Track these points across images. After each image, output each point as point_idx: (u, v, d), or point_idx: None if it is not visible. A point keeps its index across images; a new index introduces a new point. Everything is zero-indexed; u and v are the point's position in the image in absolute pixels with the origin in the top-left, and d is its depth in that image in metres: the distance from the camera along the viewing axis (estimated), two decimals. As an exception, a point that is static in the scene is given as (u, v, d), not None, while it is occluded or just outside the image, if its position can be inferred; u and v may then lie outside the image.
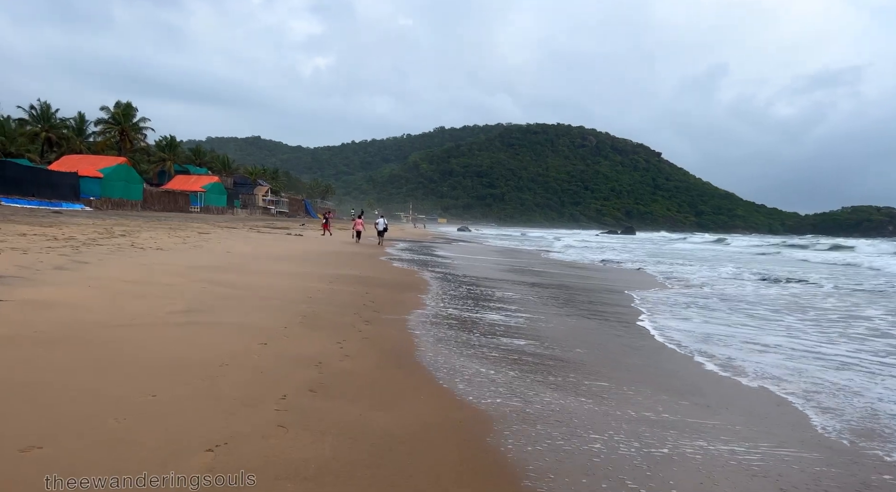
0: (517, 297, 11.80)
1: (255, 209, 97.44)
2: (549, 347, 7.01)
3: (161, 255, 13.21)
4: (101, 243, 13.95)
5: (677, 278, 18.63)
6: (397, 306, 9.20)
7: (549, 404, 4.69)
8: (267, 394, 4.15)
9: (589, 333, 8.27)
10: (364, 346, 6.06)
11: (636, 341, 7.95)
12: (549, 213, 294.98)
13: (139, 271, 9.75)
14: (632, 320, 9.61)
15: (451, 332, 7.45)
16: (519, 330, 7.97)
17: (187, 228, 26.40)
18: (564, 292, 13.28)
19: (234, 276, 10.69)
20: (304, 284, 10.60)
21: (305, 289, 9.87)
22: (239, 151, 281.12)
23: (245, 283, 9.83)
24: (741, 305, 12.20)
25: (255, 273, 11.54)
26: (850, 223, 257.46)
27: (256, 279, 10.53)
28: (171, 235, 19.75)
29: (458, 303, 10.27)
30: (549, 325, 8.64)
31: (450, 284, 13.38)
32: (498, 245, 46.48)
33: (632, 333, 8.53)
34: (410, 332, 7.20)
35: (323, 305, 8.41)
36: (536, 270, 20.29)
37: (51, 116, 72.77)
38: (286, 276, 11.67)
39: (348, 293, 9.99)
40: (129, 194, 61.02)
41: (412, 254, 25.63)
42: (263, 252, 17.57)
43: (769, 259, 35.75)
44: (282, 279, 10.95)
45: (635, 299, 12.51)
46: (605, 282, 17.05)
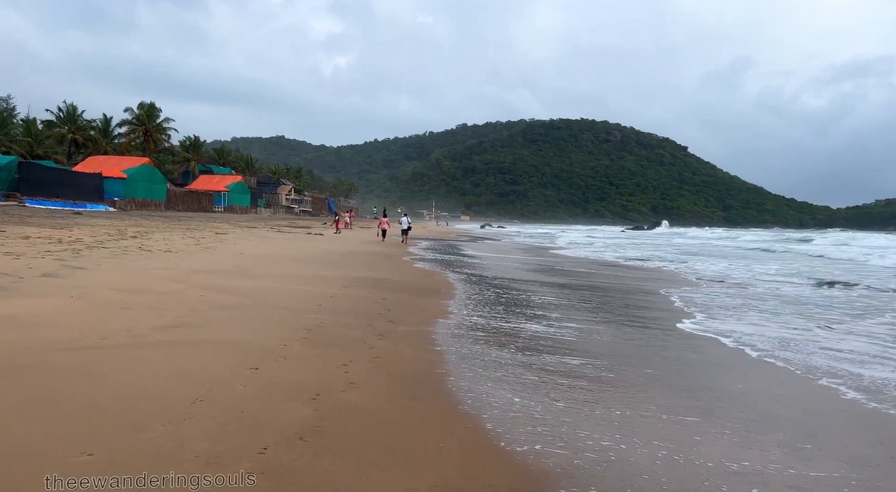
0: (551, 301, 10.75)
1: (279, 208, 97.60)
2: (607, 367, 5.94)
3: (168, 258, 12.46)
4: (107, 246, 13.27)
5: (713, 278, 17.36)
6: (417, 315, 8.24)
7: (626, 459, 3.66)
8: (242, 446, 3.22)
9: (648, 347, 7.19)
10: (374, 369, 5.10)
11: (710, 354, 6.91)
12: (573, 209, 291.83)
13: (136, 278, 8.96)
14: (693, 329, 8.52)
15: (479, 348, 6.44)
16: (563, 344, 6.92)
17: (205, 229, 25.84)
18: (602, 295, 12.18)
19: (242, 281, 9.85)
20: (315, 289, 9.72)
21: (316, 295, 8.98)
22: (263, 150, 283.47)
23: (251, 289, 8.98)
24: (810, 308, 11.01)
25: (265, 277, 10.70)
26: (885, 216, 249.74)
27: (265, 284, 9.68)
28: (185, 237, 19.10)
29: (486, 309, 9.27)
30: (600, 338, 7.54)
31: (476, 287, 12.38)
32: (523, 242, 45.31)
33: (699, 343, 7.46)
34: (431, 348, 6.22)
35: (333, 314, 7.49)
36: (566, 270, 19.18)
37: (77, 118, 73.54)
38: (298, 280, 10.81)
39: (363, 300, 9.07)
40: (152, 194, 61.21)
41: (435, 253, 24.70)
42: (279, 253, 16.79)
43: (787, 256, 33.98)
44: (292, 284, 10.08)
45: (681, 300, 11.38)
46: (641, 281, 15.88)
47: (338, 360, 5.23)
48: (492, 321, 8.21)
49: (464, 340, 6.76)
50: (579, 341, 7.21)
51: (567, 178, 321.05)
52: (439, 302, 9.76)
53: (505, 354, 6.21)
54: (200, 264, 11.66)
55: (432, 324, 7.63)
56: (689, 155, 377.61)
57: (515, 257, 25.51)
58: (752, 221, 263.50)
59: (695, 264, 22.98)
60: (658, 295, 12.82)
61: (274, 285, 9.65)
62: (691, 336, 8.01)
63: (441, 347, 6.34)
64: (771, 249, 40.56)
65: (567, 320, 8.67)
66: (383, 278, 12.45)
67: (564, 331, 7.77)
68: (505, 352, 6.30)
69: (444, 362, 5.62)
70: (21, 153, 61.91)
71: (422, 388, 4.75)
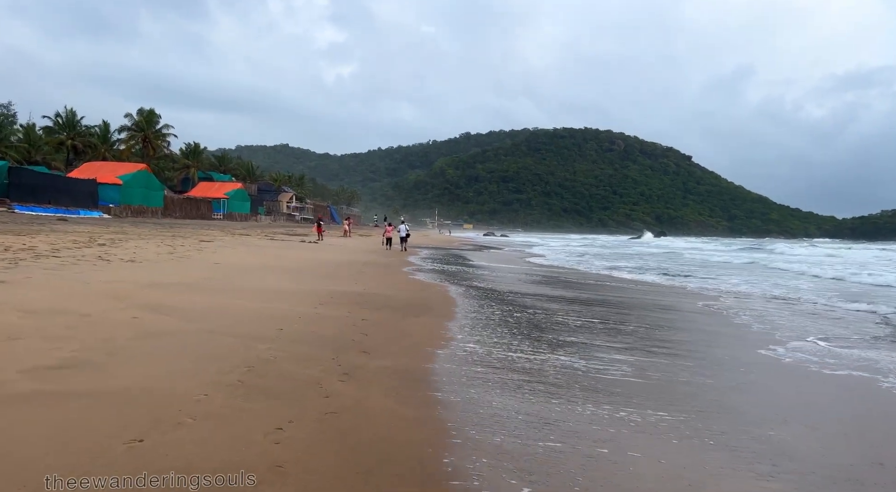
0: (570, 321, 9.18)
1: (280, 216, 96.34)
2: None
3: (125, 269, 10.97)
4: (60, 256, 11.79)
5: (729, 291, 15.77)
6: (401, 342, 6.70)
7: None
8: None
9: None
10: (321, 437, 3.55)
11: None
12: (576, 218, 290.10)
13: (63, 294, 7.45)
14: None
15: (488, 396, 4.76)
16: (621, 390, 5.24)
17: (191, 236, 24.38)
18: (622, 312, 10.61)
19: (198, 297, 8.34)
20: (285, 307, 8.20)
21: (282, 315, 7.46)
22: (267, 158, 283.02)
23: (203, 308, 7.46)
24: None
25: (230, 292, 9.19)
26: (891, 227, 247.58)
27: (224, 302, 8.16)
28: (162, 244, 17.63)
29: (491, 333, 7.70)
30: (664, 376, 5.92)
31: (478, 303, 10.81)
32: (527, 251, 43.69)
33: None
34: (412, 397, 4.65)
35: (292, 342, 5.96)
36: (580, 283, 17.62)
37: (76, 124, 72.54)
38: (269, 295, 9.29)
39: (337, 321, 7.53)
40: (149, 201, 59.93)
41: (435, 263, 23.17)
42: (261, 263, 15.29)
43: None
44: (259, 301, 8.57)
45: (736, 315, 9.81)
46: (658, 296, 14.29)
47: (272, 420, 3.69)
48: (501, 351, 6.62)
49: (464, 383, 5.15)
50: (643, 386, 5.46)
51: (570, 187, 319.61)
52: (433, 323, 8.21)
53: (534, 407, 4.57)
54: (159, 277, 10.16)
55: (420, 355, 6.07)
56: (693, 164, 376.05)
57: (517, 267, 23.96)
58: (756, 230, 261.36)
59: (698, 277, 21.39)
60: (698, 312, 11.25)
61: (235, 303, 8.14)
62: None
63: (430, 393, 4.79)
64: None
65: (603, 348, 7.09)
66: (370, 293, 10.92)
67: (609, 366, 6.14)
68: (534, 404, 4.66)
69: (433, 425, 4.05)
70: (17, 159, 60.82)
71: (392, 472, 3.17)
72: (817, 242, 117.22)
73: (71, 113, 73.16)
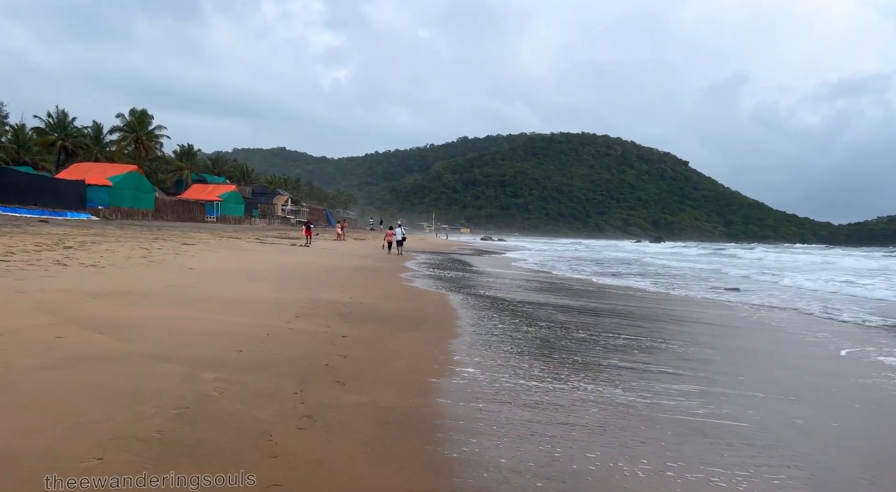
0: (601, 338, 8.01)
1: (275, 219, 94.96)
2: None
3: (79, 276, 9.77)
4: (9, 259, 10.57)
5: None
6: (387, 367, 5.52)
7: None
8: None
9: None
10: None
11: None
12: (573, 222, 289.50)
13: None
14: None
15: (497, 448, 3.58)
16: (688, 431, 4.10)
17: (175, 239, 23.15)
18: (655, 327, 9.45)
19: (152, 309, 7.15)
20: (253, 321, 7.01)
21: (246, 332, 6.27)
22: (264, 161, 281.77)
23: (153, 324, 6.27)
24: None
25: (193, 303, 7.99)
26: (887, 233, 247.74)
27: (181, 315, 6.97)
28: (138, 248, 16.40)
29: (503, 353, 6.49)
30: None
31: (483, 314, 9.60)
32: (528, 256, 42.51)
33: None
34: (398, 451, 3.47)
35: (248, 370, 4.78)
36: (586, 291, 16.46)
37: (67, 125, 71.18)
38: (238, 306, 8.11)
39: (312, 339, 6.34)
40: (139, 203, 58.60)
41: (432, 268, 21.99)
42: (241, 268, 14.09)
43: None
44: (224, 313, 7.37)
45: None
46: (670, 304, 13.14)
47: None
48: (516, 379, 5.37)
49: (469, 430, 3.91)
50: (737, 431, 4.29)
51: (568, 191, 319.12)
52: (429, 340, 7.02)
53: (572, 470, 3.34)
54: (116, 285, 8.96)
55: (409, 386, 4.89)
56: (689, 170, 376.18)
57: (519, 274, 22.80)
58: (753, 236, 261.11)
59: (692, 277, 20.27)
60: (725, 325, 10.09)
61: (195, 316, 6.95)
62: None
63: (421, 445, 3.60)
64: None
65: (652, 375, 5.92)
66: (357, 302, 9.73)
67: (670, 400, 4.99)
68: (573, 467, 3.41)
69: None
70: (5, 160, 59.47)
71: None
72: (793, 246, 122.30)
73: (62, 114, 71.81)
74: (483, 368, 5.80)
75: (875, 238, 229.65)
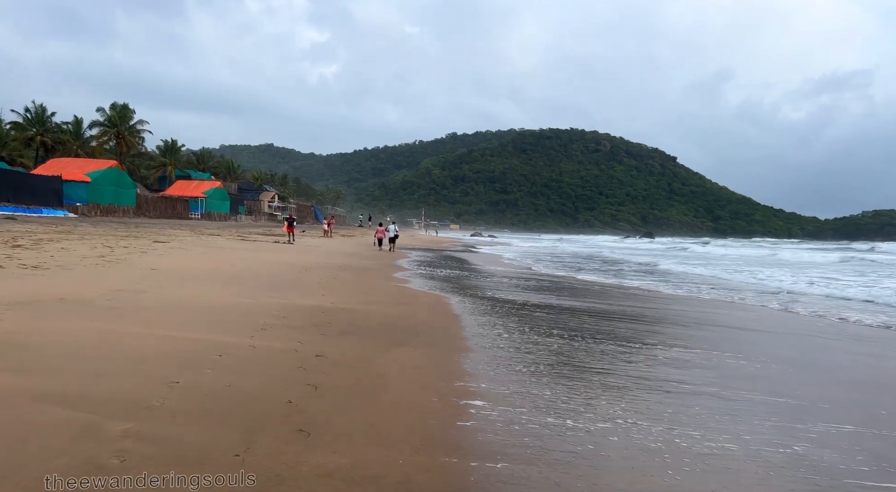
0: (628, 352, 6.73)
1: (261, 216, 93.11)
2: None
3: (10, 278, 8.36)
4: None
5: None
6: (370, 404, 4.20)
7: None
8: None
9: None
10: None
11: None
12: (563, 218, 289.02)
13: None
14: None
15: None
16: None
17: (149, 236, 21.65)
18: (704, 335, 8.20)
19: (81, 323, 5.78)
20: (204, 336, 5.66)
21: (189, 354, 4.92)
22: (253, 158, 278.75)
23: (72, 343, 4.92)
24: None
25: (138, 314, 6.62)
26: (873, 227, 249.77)
27: (115, 331, 5.61)
28: (101, 246, 14.93)
29: (522, 373, 5.23)
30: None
31: (489, 320, 8.29)
32: (526, 251, 41.25)
33: None
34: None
35: (173, 418, 3.45)
36: (592, 291, 15.22)
37: (46, 120, 68.85)
38: (193, 316, 6.75)
39: (277, 361, 5.00)
40: (120, 200, 56.67)
41: (424, 266, 20.66)
42: (211, 268, 12.68)
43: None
44: (172, 327, 6.02)
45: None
46: (693, 307, 11.93)
47: None
48: (551, 417, 4.11)
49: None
50: None
51: (557, 187, 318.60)
52: (425, 358, 5.70)
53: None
54: (52, 290, 7.56)
55: (404, 438, 3.57)
56: (677, 165, 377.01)
57: (522, 272, 21.53)
58: (741, 231, 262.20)
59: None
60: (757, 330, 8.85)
61: (133, 332, 5.58)
62: None
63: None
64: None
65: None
66: (339, 307, 8.39)
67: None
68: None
69: None
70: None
71: None
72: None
73: (41, 108, 69.46)
74: (495, 399, 4.51)
75: (861, 232, 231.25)
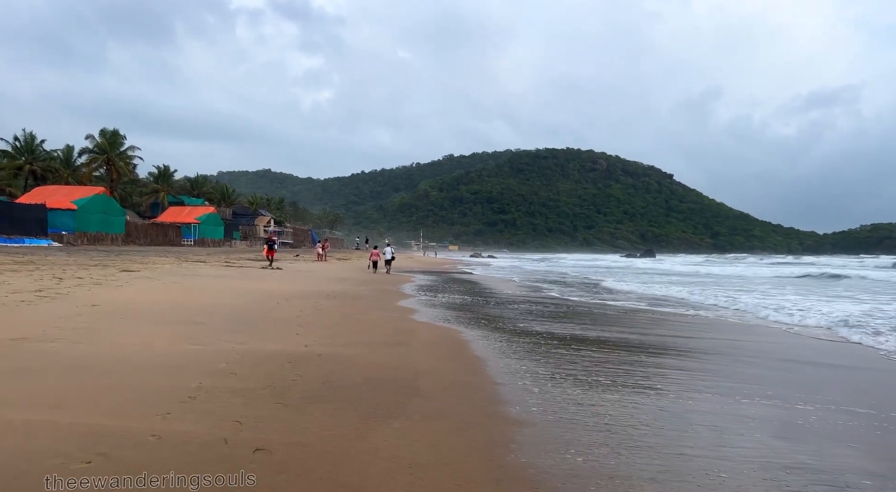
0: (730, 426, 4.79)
1: (256, 241, 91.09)
2: None
3: None
4: None
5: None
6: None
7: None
8: None
9: None
10: None
11: None
12: (561, 237, 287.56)
13: None
14: None
15: None
16: None
17: (119, 265, 19.73)
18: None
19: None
20: (90, 421, 3.75)
21: (37, 468, 2.99)
22: (251, 184, 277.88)
23: None
24: None
25: (22, 376, 4.69)
26: (871, 241, 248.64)
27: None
28: (47, 278, 13.00)
29: (576, 477, 3.33)
30: None
31: (507, 362, 6.35)
32: (533, 271, 39.19)
33: None
34: None
35: None
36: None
37: (35, 148, 67.33)
38: (111, 375, 4.82)
39: (191, 459, 3.07)
40: (108, 228, 54.82)
41: (422, 292, 18.70)
42: (172, 302, 10.72)
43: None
44: (54, 403, 4.11)
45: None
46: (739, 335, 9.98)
47: None
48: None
49: None
50: None
51: (554, 206, 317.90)
52: (422, 448, 3.79)
53: None
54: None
55: None
56: (674, 183, 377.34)
57: (544, 298, 19.57)
58: (740, 247, 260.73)
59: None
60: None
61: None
62: None
63: None
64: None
65: None
66: (312, 353, 6.46)
67: None
68: None
69: None
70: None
71: None
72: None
73: (30, 137, 67.99)
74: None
75: (860, 246, 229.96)
